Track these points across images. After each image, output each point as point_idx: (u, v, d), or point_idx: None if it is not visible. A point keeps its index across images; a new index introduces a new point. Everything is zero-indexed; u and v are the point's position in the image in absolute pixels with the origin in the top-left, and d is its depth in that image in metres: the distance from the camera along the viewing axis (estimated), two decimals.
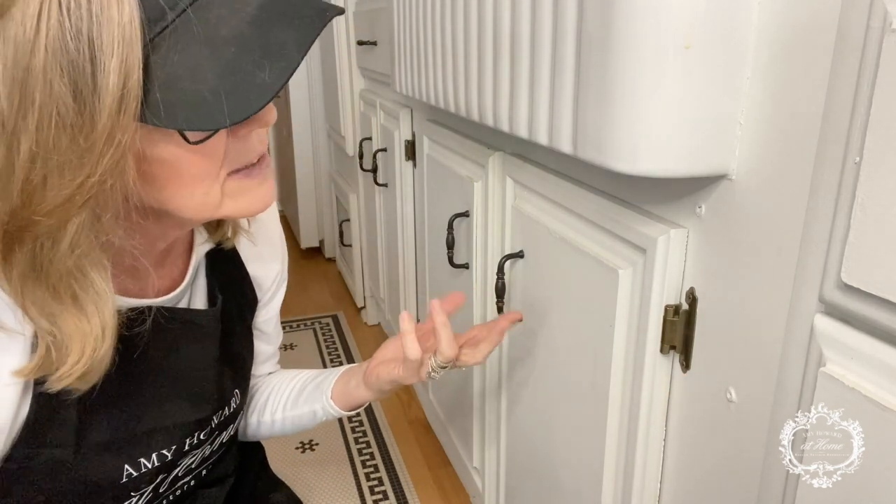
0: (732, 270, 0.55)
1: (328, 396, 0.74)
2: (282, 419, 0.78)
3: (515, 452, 1.02)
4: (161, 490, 0.63)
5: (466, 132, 1.12)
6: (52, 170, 0.39)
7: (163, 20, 0.40)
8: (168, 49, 0.40)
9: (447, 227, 1.09)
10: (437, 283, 1.32)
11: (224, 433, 0.69)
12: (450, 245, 1.10)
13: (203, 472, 0.69)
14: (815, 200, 0.45)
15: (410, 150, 1.49)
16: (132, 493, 0.59)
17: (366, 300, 2.17)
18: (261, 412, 0.79)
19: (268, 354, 0.81)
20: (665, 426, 0.66)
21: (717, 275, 0.57)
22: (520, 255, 0.89)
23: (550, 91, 0.64)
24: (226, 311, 0.66)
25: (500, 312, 0.91)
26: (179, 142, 0.43)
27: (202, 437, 0.64)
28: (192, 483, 0.68)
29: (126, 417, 0.57)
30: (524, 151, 0.90)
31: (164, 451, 0.60)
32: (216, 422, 0.66)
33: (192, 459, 0.65)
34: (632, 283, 0.65)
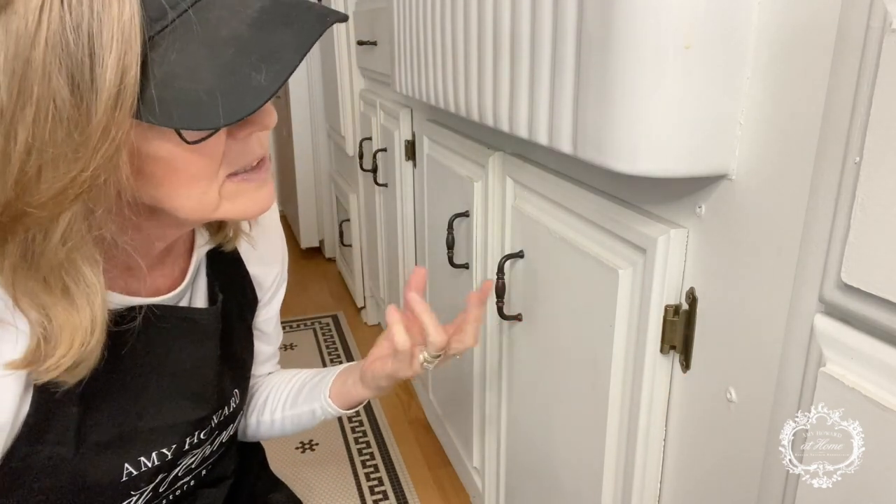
0: (732, 270, 0.55)
1: (326, 395, 0.74)
2: (281, 419, 0.78)
3: (515, 452, 1.02)
4: (161, 490, 0.63)
5: (466, 132, 1.12)
6: (47, 162, 0.39)
7: (163, 19, 0.40)
8: (167, 48, 0.40)
9: (447, 227, 1.09)
10: (437, 283, 1.32)
11: (224, 433, 0.69)
12: (450, 245, 1.10)
13: (203, 472, 0.69)
14: (815, 200, 0.45)
15: (410, 150, 1.49)
16: (132, 493, 0.59)
17: (366, 300, 2.17)
18: (260, 412, 0.79)
19: (268, 354, 0.81)
20: (665, 426, 0.66)
21: (718, 275, 0.57)
22: (520, 255, 0.89)
23: (550, 91, 0.64)
24: (226, 311, 0.66)
25: (500, 313, 0.91)
26: (177, 141, 0.43)
27: (202, 437, 0.64)
28: (192, 483, 0.68)
29: (126, 416, 0.57)
30: (524, 151, 0.90)
31: (164, 450, 0.60)
32: (216, 421, 0.66)
33: (192, 459, 0.65)
34: (632, 283, 0.65)
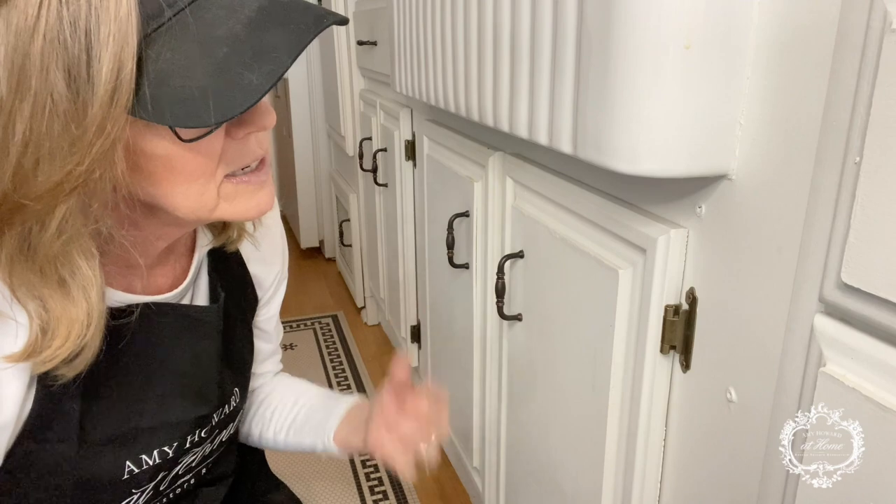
0: (732, 270, 0.55)
1: (330, 437, 0.74)
2: (284, 441, 0.78)
3: (515, 453, 1.02)
4: (161, 488, 0.63)
5: (466, 132, 1.12)
6: (44, 155, 0.40)
7: (160, 17, 0.40)
8: (162, 45, 0.40)
9: (447, 227, 1.09)
10: (437, 284, 1.32)
11: (224, 431, 0.69)
12: (450, 245, 1.10)
13: (203, 471, 0.69)
14: (815, 200, 0.45)
15: (410, 150, 1.49)
16: (133, 491, 0.60)
17: (366, 300, 2.17)
18: (265, 427, 0.79)
19: (268, 353, 0.81)
20: (665, 426, 0.67)
21: (718, 275, 0.57)
22: (520, 255, 0.89)
23: (550, 91, 0.64)
24: (227, 310, 0.66)
25: (500, 313, 0.91)
26: (173, 139, 0.43)
27: (203, 435, 0.65)
28: (192, 482, 0.68)
29: (128, 413, 0.57)
30: (524, 151, 0.90)
31: (166, 448, 0.60)
32: (216, 420, 0.66)
33: (193, 457, 0.65)
34: (632, 284, 0.65)
